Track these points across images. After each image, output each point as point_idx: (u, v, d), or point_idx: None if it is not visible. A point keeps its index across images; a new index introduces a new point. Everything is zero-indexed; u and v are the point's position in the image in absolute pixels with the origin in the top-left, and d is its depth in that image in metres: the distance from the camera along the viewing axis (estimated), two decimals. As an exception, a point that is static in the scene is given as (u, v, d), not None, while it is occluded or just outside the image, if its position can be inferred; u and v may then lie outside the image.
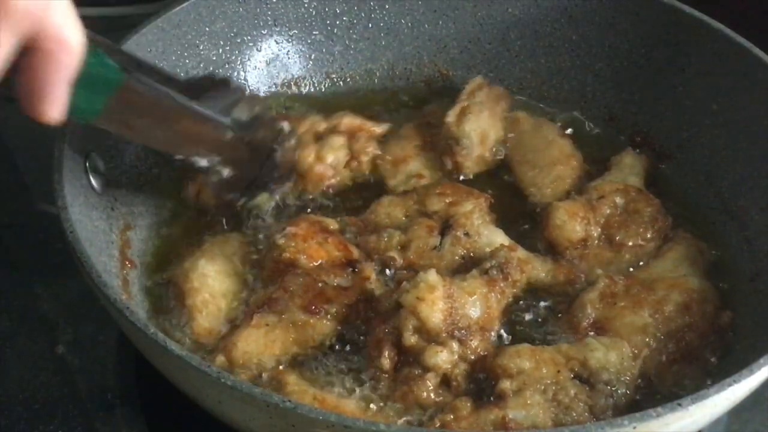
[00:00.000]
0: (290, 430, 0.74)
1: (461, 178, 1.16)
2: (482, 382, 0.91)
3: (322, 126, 1.17)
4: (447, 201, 1.07)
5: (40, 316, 1.07)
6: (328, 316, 0.95)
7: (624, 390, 0.90)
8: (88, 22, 0.75)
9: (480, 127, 1.18)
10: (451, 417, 0.86)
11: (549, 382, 0.88)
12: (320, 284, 0.96)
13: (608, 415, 0.88)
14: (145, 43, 1.11)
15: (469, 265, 1.00)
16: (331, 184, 1.14)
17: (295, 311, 0.94)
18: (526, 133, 1.20)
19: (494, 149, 1.19)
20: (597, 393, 0.89)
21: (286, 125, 1.07)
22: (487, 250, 1.02)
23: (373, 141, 1.18)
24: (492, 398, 0.89)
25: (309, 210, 1.11)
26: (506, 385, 0.88)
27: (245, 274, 1.02)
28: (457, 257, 1.02)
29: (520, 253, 1.02)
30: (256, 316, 0.94)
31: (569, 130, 1.23)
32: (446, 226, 1.05)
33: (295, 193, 1.12)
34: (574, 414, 0.87)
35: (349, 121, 1.18)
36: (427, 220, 1.06)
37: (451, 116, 1.17)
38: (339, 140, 1.15)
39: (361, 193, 1.15)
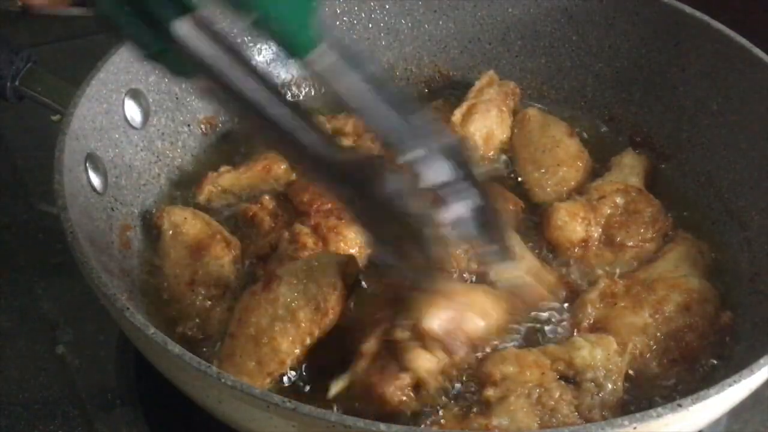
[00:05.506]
0: (290, 431, 0.74)
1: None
2: (468, 392, 0.90)
3: (327, 127, 1.16)
4: None
5: (40, 316, 1.07)
6: None
7: (611, 386, 0.89)
8: (89, 21, 0.74)
9: (486, 127, 1.17)
10: (435, 428, 0.85)
11: (532, 385, 0.87)
12: None
13: (596, 413, 0.87)
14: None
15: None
16: None
17: None
18: (534, 131, 1.20)
19: (498, 149, 1.19)
20: (583, 392, 0.88)
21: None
22: None
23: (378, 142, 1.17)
24: (478, 406, 0.87)
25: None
26: (490, 393, 0.87)
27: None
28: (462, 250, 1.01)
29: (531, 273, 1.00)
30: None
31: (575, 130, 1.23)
32: None
33: None
34: (560, 415, 0.86)
35: (354, 121, 1.16)
36: None
37: (456, 115, 1.17)
38: (346, 143, 1.14)
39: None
